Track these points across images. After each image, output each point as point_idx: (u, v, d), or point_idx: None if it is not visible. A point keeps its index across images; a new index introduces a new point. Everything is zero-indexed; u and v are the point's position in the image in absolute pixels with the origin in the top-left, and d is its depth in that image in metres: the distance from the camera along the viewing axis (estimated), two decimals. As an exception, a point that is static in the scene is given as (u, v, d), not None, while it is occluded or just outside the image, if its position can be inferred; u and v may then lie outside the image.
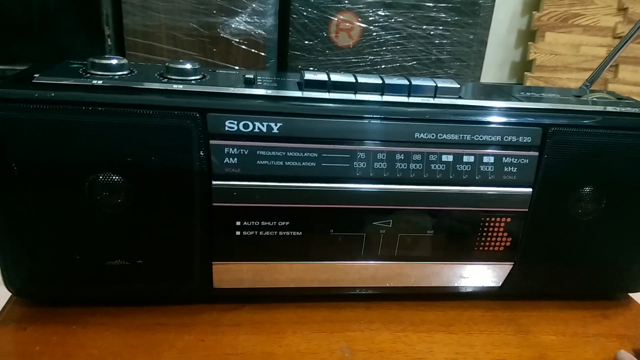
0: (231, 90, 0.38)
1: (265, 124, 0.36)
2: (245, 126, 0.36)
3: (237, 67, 1.27)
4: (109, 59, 0.38)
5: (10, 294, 0.39)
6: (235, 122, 0.36)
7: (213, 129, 0.36)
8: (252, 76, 0.40)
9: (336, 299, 0.43)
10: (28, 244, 0.37)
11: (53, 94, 0.34)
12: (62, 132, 0.34)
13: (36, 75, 0.36)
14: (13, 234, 0.36)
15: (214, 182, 0.36)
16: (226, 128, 0.36)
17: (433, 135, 0.38)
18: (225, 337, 0.39)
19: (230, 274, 0.40)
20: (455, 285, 0.43)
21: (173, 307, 0.41)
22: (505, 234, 0.41)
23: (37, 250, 0.37)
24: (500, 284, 0.43)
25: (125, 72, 0.38)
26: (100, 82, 0.36)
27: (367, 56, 1.37)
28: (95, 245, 0.37)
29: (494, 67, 1.76)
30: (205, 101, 0.36)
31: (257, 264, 0.39)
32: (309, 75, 0.39)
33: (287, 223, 0.38)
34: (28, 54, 1.21)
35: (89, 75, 0.37)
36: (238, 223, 0.37)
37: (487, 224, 0.40)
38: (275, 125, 0.36)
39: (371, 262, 0.41)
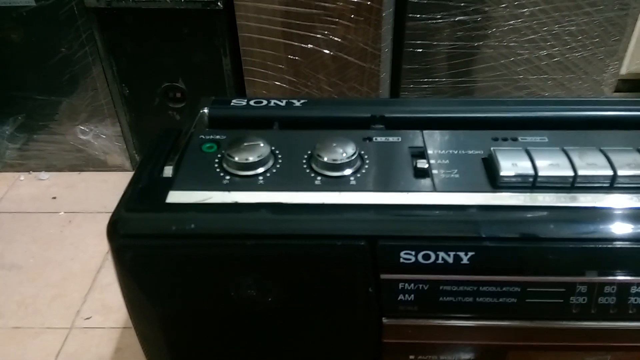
0: (403, 197, 0.29)
1: (451, 253, 0.28)
2: (426, 257, 0.28)
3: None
4: (246, 150, 0.30)
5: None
6: (413, 253, 0.28)
7: (384, 260, 0.28)
8: (424, 165, 0.31)
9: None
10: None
11: (193, 226, 0.28)
12: (205, 267, 0.29)
13: (169, 184, 0.30)
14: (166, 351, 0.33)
15: (384, 320, 0.30)
16: (401, 260, 0.28)
17: (689, 263, 0.27)
18: None
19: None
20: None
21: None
22: None
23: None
24: None
25: (268, 167, 0.31)
26: (244, 195, 0.29)
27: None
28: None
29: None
30: (374, 225, 0.28)
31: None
32: (505, 169, 0.29)
33: (471, 356, 0.31)
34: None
35: (227, 178, 0.30)
36: (412, 356, 0.31)
37: None
38: (466, 255, 0.28)
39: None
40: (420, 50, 1.29)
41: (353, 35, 1.20)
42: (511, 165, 0.29)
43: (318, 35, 1.20)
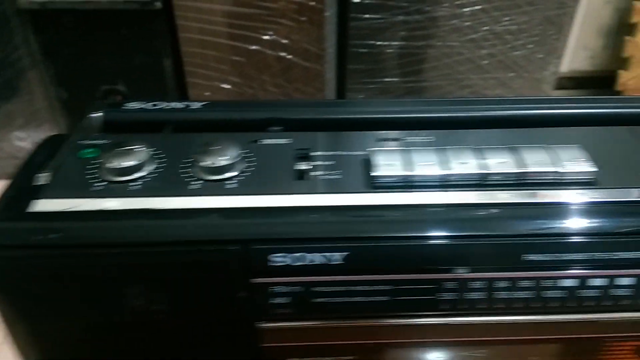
0: (279, 200, 0.29)
1: (323, 254, 0.28)
2: (298, 259, 0.28)
3: None
4: (122, 155, 0.30)
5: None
6: (285, 255, 0.28)
7: (257, 263, 0.28)
8: (304, 167, 0.31)
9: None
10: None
11: (53, 235, 0.27)
12: (71, 278, 0.28)
13: (33, 189, 0.29)
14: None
15: (260, 324, 0.29)
16: (272, 263, 0.28)
17: (549, 257, 0.28)
18: None
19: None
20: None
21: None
22: (630, 355, 0.32)
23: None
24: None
25: (146, 172, 0.30)
26: (114, 202, 0.28)
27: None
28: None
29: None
30: (247, 228, 0.28)
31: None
32: (377, 170, 0.29)
33: (352, 358, 0.31)
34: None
35: (102, 184, 0.29)
36: None
37: (609, 348, 0.31)
38: (338, 255, 0.28)
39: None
40: (365, 50, 1.29)
41: (296, 35, 1.19)
42: (384, 165, 0.29)
43: (261, 36, 1.19)
